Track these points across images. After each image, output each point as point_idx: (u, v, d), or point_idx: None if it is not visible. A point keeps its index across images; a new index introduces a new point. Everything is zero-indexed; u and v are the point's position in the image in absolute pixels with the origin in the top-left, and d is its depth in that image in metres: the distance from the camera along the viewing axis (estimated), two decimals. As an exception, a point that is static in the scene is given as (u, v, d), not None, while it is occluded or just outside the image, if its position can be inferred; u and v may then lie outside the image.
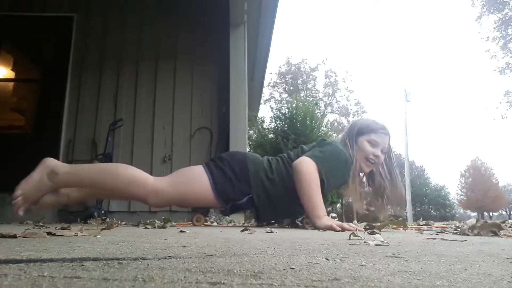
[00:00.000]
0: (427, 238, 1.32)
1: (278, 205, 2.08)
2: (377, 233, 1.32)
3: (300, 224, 2.22)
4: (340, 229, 1.64)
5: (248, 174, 2.01)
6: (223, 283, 0.43)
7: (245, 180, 2.01)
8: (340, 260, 0.66)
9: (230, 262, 0.61)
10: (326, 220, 1.76)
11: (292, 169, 1.95)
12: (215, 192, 1.97)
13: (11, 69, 5.59)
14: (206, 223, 1.90)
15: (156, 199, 1.93)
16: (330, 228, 1.67)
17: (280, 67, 31.61)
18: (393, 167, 2.16)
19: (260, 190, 2.02)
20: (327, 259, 0.67)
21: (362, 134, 2.09)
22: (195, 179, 2.00)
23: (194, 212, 2.66)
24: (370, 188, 2.17)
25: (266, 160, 2.14)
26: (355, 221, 1.88)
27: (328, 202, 9.98)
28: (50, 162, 1.90)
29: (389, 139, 2.17)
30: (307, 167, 1.87)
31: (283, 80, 31.32)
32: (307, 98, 19.30)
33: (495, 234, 1.51)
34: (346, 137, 2.13)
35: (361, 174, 2.18)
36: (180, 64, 4.91)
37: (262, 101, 15.22)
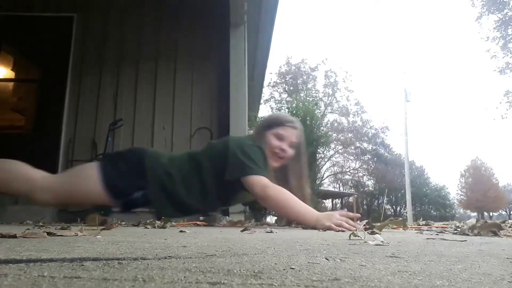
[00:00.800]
0: (427, 238, 1.32)
1: (179, 201, 1.99)
2: (377, 233, 1.32)
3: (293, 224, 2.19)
4: (340, 229, 1.62)
5: (145, 168, 1.93)
6: (223, 283, 0.43)
7: (140, 175, 1.92)
8: (340, 260, 0.66)
9: (230, 262, 0.61)
10: (324, 220, 1.70)
11: (253, 194, 1.86)
12: (103, 184, 1.85)
13: (11, 69, 5.59)
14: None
15: (44, 196, 1.87)
16: (329, 228, 1.65)
17: (280, 67, 31.64)
18: (302, 165, 2.09)
19: (156, 186, 1.94)
20: (327, 259, 0.67)
21: (269, 128, 2.04)
22: (85, 173, 1.92)
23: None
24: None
25: (168, 156, 2.08)
26: (359, 221, 1.85)
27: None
28: None
29: (299, 133, 2.09)
30: (267, 191, 1.79)
31: (283, 80, 31.33)
32: (307, 98, 19.31)
33: (495, 234, 1.51)
34: (255, 131, 2.11)
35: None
36: (180, 64, 4.91)
37: (262, 101, 15.23)
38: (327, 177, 31.82)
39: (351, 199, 28.89)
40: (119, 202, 1.97)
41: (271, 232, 1.55)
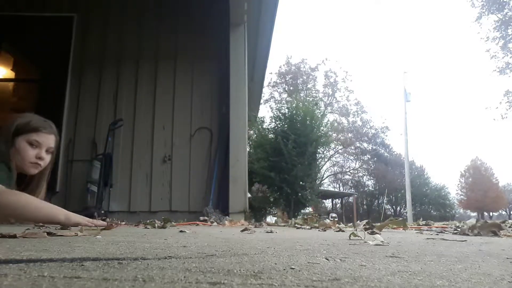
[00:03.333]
0: (427, 238, 1.32)
1: None
2: (377, 233, 1.32)
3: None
4: (89, 223, 1.60)
5: None
6: (223, 283, 0.43)
7: None
8: (340, 260, 0.66)
9: (230, 262, 0.60)
10: (73, 217, 1.61)
11: None
12: None
13: (11, 69, 5.59)
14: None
15: None
16: (81, 224, 1.59)
17: (280, 67, 31.62)
18: (50, 166, 1.91)
19: None
20: (327, 259, 0.67)
21: (21, 134, 1.79)
22: None
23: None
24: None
25: None
26: (358, 221, 1.84)
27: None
28: None
29: (56, 138, 1.89)
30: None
31: (283, 80, 31.33)
32: (307, 98, 19.30)
33: (495, 234, 1.51)
34: (1, 138, 1.80)
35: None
36: (180, 64, 4.91)
37: (262, 101, 15.23)
38: (327, 177, 31.84)
39: (351, 199, 28.90)
40: None
41: (271, 232, 1.56)
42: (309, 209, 11.33)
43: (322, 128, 10.48)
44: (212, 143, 4.64)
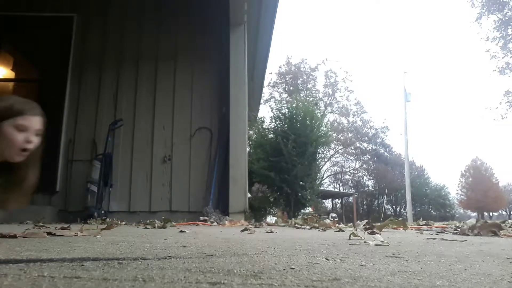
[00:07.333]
0: (427, 238, 1.32)
1: None
2: (377, 233, 1.32)
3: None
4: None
5: None
6: (223, 283, 0.43)
7: None
8: (340, 260, 0.66)
9: (230, 262, 0.61)
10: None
11: None
12: None
13: (11, 69, 5.59)
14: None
15: None
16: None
17: (280, 67, 31.62)
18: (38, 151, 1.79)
19: None
20: (327, 259, 0.67)
21: (6, 119, 1.70)
22: None
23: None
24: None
25: None
26: (358, 221, 1.84)
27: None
28: None
29: (42, 119, 1.78)
30: None
31: (283, 80, 31.32)
32: (307, 98, 19.30)
33: (495, 234, 1.51)
34: None
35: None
36: (180, 64, 4.91)
37: (262, 101, 15.22)
38: (327, 177, 31.83)
39: (351, 199, 28.90)
40: None
41: (271, 232, 1.56)
42: (309, 209, 11.33)
43: (322, 128, 10.49)
44: (212, 143, 4.64)
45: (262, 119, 12.74)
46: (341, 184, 35.63)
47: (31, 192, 1.69)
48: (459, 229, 1.77)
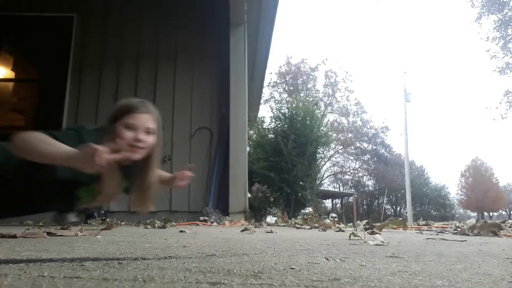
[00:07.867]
0: (427, 238, 1.32)
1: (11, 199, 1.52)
2: (377, 233, 1.32)
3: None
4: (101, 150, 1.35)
5: None
6: (223, 283, 0.43)
7: None
8: (340, 260, 0.66)
9: (230, 262, 0.61)
10: (80, 149, 1.45)
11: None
12: None
13: (11, 69, 5.58)
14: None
15: None
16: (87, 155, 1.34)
17: (280, 67, 31.61)
18: (159, 153, 1.78)
19: None
20: (327, 259, 0.67)
21: (118, 119, 1.73)
22: None
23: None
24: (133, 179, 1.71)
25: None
26: (358, 221, 1.83)
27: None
28: None
29: (155, 117, 1.76)
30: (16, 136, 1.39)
31: (283, 80, 31.31)
32: (307, 98, 19.29)
33: (495, 234, 1.51)
34: (104, 127, 1.72)
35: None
36: (180, 64, 4.91)
37: (262, 101, 15.23)
38: (327, 177, 31.82)
39: (351, 199, 28.89)
40: None
41: (271, 232, 1.56)
42: (309, 209, 11.32)
43: (322, 128, 10.48)
44: (212, 143, 4.64)
45: (262, 119, 12.74)
46: (341, 184, 35.64)
47: (153, 195, 1.67)
48: (459, 229, 1.77)
